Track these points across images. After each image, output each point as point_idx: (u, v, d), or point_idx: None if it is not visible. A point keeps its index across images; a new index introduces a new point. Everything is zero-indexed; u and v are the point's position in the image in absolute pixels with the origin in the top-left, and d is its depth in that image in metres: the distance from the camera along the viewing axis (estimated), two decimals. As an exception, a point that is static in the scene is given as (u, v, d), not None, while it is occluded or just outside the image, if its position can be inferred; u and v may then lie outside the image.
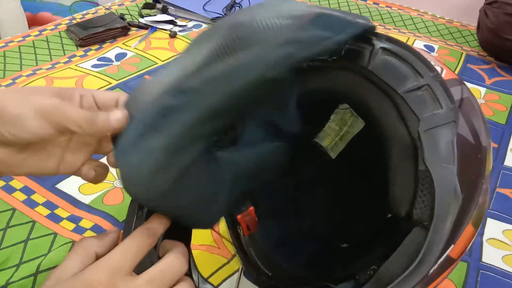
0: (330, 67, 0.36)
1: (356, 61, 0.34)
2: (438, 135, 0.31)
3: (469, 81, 0.99)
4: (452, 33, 1.19)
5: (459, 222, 0.31)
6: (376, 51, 0.34)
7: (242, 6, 1.16)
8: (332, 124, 0.54)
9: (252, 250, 0.51)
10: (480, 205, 0.35)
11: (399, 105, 0.33)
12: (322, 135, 0.55)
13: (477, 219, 0.36)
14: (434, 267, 0.31)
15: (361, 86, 0.35)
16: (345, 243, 0.52)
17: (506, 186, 0.72)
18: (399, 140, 0.33)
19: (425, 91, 0.32)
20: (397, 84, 0.33)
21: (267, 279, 0.50)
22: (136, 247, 0.32)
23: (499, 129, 0.86)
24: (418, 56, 0.33)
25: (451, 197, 0.30)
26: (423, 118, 0.32)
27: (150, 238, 0.33)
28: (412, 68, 0.33)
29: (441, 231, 0.30)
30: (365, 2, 1.33)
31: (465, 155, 0.33)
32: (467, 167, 0.33)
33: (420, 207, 0.32)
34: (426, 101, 0.32)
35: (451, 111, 0.32)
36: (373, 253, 0.41)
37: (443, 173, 0.31)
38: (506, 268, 0.58)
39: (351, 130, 0.53)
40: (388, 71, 0.33)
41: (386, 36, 0.34)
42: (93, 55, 0.96)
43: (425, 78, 0.32)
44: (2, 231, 0.56)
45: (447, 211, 0.30)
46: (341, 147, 0.54)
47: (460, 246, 0.34)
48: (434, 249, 0.30)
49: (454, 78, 0.39)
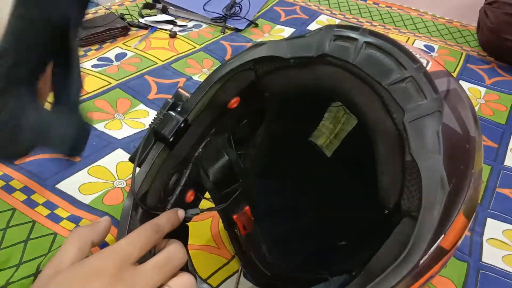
0: (316, 62, 0.36)
1: (341, 56, 0.34)
2: (423, 125, 0.32)
3: (469, 81, 0.99)
4: (452, 33, 1.19)
5: (448, 211, 0.32)
6: (360, 46, 0.34)
7: (242, 6, 1.16)
8: (326, 123, 0.54)
9: (251, 250, 0.51)
10: (471, 195, 0.35)
11: (384, 97, 0.33)
12: (316, 133, 0.55)
13: (469, 210, 0.37)
14: (424, 257, 0.31)
15: (346, 81, 0.35)
16: (343, 241, 0.52)
17: (506, 186, 0.72)
18: (386, 132, 0.33)
19: (409, 82, 0.32)
20: (382, 77, 0.33)
21: (266, 279, 0.50)
22: (144, 239, 0.33)
23: (499, 129, 0.86)
24: (402, 49, 0.33)
25: (438, 186, 0.31)
26: (407, 109, 0.32)
27: (158, 233, 0.34)
28: (396, 61, 0.33)
29: (429, 221, 0.31)
30: (365, 2, 1.33)
31: (452, 144, 0.33)
32: (455, 157, 0.33)
33: (408, 197, 0.32)
34: (410, 93, 0.32)
35: (436, 101, 0.32)
36: (370, 249, 0.41)
37: (429, 163, 0.31)
38: (506, 268, 0.58)
39: (345, 128, 0.53)
40: (373, 65, 0.33)
41: (369, 31, 0.35)
42: (93, 55, 0.96)
43: (409, 70, 0.33)
44: (2, 231, 0.56)
45: (434, 200, 0.31)
46: (336, 145, 0.54)
47: (452, 236, 0.35)
48: (422, 239, 0.30)
49: (441, 69, 0.39)
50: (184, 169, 0.43)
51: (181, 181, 0.43)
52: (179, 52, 1.00)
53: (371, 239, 0.43)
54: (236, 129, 0.46)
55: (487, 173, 0.74)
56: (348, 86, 0.35)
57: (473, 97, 0.94)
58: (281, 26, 1.16)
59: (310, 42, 0.36)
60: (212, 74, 0.40)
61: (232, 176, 0.46)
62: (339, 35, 0.35)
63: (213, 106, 0.41)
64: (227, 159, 0.45)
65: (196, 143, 0.43)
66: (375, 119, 0.34)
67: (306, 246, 0.53)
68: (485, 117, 0.88)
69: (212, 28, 1.12)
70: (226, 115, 0.43)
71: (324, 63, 0.35)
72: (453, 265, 0.58)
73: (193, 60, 0.98)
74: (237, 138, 0.46)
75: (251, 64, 0.39)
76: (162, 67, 0.94)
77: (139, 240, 0.33)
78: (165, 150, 0.40)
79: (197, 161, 0.44)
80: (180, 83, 0.90)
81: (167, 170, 0.41)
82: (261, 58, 0.38)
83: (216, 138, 0.44)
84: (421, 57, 0.36)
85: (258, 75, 0.39)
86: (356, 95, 0.35)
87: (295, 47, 0.36)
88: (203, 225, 0.60)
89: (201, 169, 0.44)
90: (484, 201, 0.69)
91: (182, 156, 0.42)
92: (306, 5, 1.29)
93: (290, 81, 0.38)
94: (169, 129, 0.39)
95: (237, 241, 0.51)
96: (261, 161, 0.50)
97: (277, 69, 0.38)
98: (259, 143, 0.49)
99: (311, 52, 0.36)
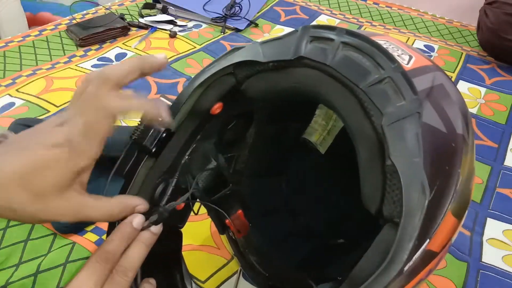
0: (293, 65, 0.35)
1: (318, 58, 0.34)
2: (401, 128, 0.31)
3: (469, 81, 0.99)
4: (452, 33, 1.19)
5: (432, 215, 0.31)
6: (337, 46, 0.33)
7: (242, 6, 1.16)
8: (318, 119, 0.54)
9: (248, 251, 0.51)
10: (460, 194, 0.34)
11: (362, 100, 0.32)
12: (309, 130, 0.54)
13: (459, 209, 0.36)
14: (409, 264, 0.30)
15: (324, 84, 0.34)
16: (341, 239, 0.52)
17: (506, 186, 0.72)
18: (365, 136, 0.33)
19: (387, 83, 0.32)
20: (359, 79, 0.32)
21: (265, 279, 0.50)
22: (96, 277, 0.32)
23: (499, 129, 0.86)
24: (379, 48, 0.33)
25: (418, 192, 0.30)
26: (386, 112, 0.31)
27: (108, 262, 0.32)
28: (373, 61, 0.32)
29: (411, 228, 0.30)
30: (365, 2, 1.33)
31: (436, 145, 0.32)
32: (439, 157, 0.32)
33: (389, 203, 0.31)
34: (388, 94, 0.31)
35: (414, 102, 0.31)
36: (368, 245, 0.41)
37: (409, 167, 0.30)
38: (506, 268, 0.58)
39: (337, 124, 0.53)
40: (349, 66, 0.33)
41: (346, 30, 0.34)
42: (93, 55, 0.96)
43: (387, 70, 0.32)
44: (2, 231, 0.56)
45: (415, 206, 0.30)
46: (329, 142, 0.54)
47: (441, 238, 0.34)
48: (404, 246, 0.30)
49: (426, 64, 0.38)
50: (171, 178, 0.42)
51: (167, 190, 0.41)
52: (179, 52, 1.00)
53: (369, 235, 0.43)
54: (224, 133, 0.45)
55: (487, 173, 0.74)
56: (326, 89, 0.34)
57: (473, 97, 0.94)
58: (281, 26, 1.16)
59: (287, 45, 0.35)
60: (192, 80, 0.39)
61: (222, 181, 0.45)
62: (316, 36, 0.34)
63: (196, 114, 0.41)
64: (215, 165, 0.45)
65: (181, 151, 0.42)
66: (354, 122, 0.33)
67: (303, 245, 0.53)
68: (485, 117, 0.88)
69: (212, 28, 1.12)
70: (210, 122, 0.42)
71: (302, 65, 0.35)
72: (453, 265, 0.57)
73: (193, 60, 0.98)
74: (227, 141, 0.45)
75: (231, 69, 0.38)
76: (162, 67, 0.94)
77: (94, 274, 0.31)
78: (149, 160, 0.40)
79: (184, 168, 0.43)
80: (180, 83, 0.90)
81: (152, 180, 0.40)
82: (240, 62, 0.37)
83: (203, 144, 0.44)
84: (403, 53, 0.35)
85: (238, 79, 0.39)
86: (335, 98, 0.34)
87: (273, 51, 0.36)
88: (203, 225, 0.60)
89: (190, 177, 0.43)
90: (484, 201, 0.69)
91: (168, 165, 0.41)
92: (306, 5, 1.28)
93: (270, 85, 0.38)
94: (150, 140, 0.38)
95: (234, 242, 0.51)
96: (254, 162, 0.49)
97: (256, 73, 0.38)
98: (251, 143, 0.48)
99: (288, 55, 0.35)
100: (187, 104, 0.40)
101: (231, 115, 0.44)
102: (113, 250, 0.33)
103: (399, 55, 0.35)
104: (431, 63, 0.39)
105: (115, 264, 0.33)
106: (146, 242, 0.35)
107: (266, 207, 0.54)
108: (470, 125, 0.39)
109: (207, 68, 0.39)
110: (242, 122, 0.46)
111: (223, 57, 0.39)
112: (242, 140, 0.48)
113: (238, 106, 0.42)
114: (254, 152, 0.49)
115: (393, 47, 0.36)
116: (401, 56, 0.35)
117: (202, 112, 0.41)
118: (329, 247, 0.52)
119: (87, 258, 0.49)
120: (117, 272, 0.33)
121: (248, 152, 0.48)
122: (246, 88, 0.39)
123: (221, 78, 0.39)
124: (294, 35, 0.36)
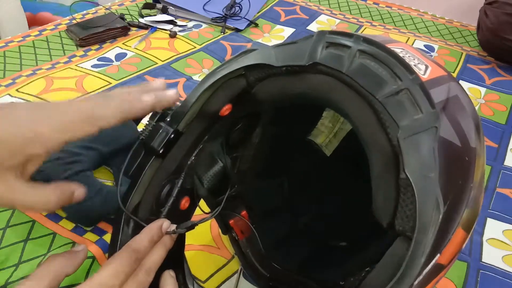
0: (307, 71, 0.35)
1: (333, 65, 0.33)
2: (418, 142, 0.30)
3: (469, 81, 0.99)
4: (452, 33, 1.19)
5: (444, 231, 0.30)
6: (354, 54, 0.32)
7: (242, 6, 1.16)
8: (325, 121, 0.53)
9: (249, 251, 0.51)
10: (471, 208, 0.34)
11: (378, 111, 0.31)
12: (315, 132, 0.54)
13: (469, 222, 0.35)
14: (419, 279, 0.30)
15: (339, 91, 0.33)
16: (343, 242, 0.52)
17: (506, 186, 0.72)
18: (379, 148, 0.32)
19: (404, 95, 0.31)
20: (375, 89, 0.31)
21: (266, 280, 0.50)
22: (127, 268, 0.33)
23: (499, 129, 0.86)
24: (397, 58, 0.32)
25: (432, 208, 0.29)
26: (402, 125, 0.30)
27: (137, 261, 0.34)
28: (391, 71, 0.31)
29: (424, 243, 0.29)
30: (365, 2, 1.33)
31: (450, 159, 0.31)
32: (453, 172, 0.32)
33: (402, 217, 0.31)
34: (405, 106, 0.31)
35: (432, 115, 0.30)
36: (367, 253, 0.41)
37: (423, 182, 0.29)
38: (506, 268, 0.58)
39: (344, 127, 0.53)
40: (366, 75, 0.32)
41: (363, 37, 0.33)
42: (93, 55, 0.96)
43: (404, 82, 0.31)
44: (1, 231, 0.56)
45: (429, 222, 0.29)
46: (335, 144, 0.54)
47: (450, 252, 0.33)
48: (416, 262, 0.29)
49: (442, 75, 0.37)
50: (177, 178, 0.42)
51: (173, 191, 0.42)
52: (179, 52, 1.00)
53: (371, 239, 0.43)
54: (231, 134, 0.45)
55: (487, 173, 0.74)
56: (340, 97, 0.34)
57: (473, 97, 0.94)
58: (281, 26, 1.16)
59: (302, 49, 0.34)
60: (201, 82, 0.39)
61: (227, 182, 0.45)
62: (332, 42, 0.34)
63: (205, 115, 0.40)
64: (221, 165, 0.44)
65: (188, 151, 0.42)
66: (369, 133, 0.32)
67: (305, 246, 0.53)
68: (485, 117, 0.88)
69: (212, 28, 1.12)
70: (218, 122, 0.42)
71: (316, 71, 0.34)
72: (453, 265, 0.57)
73: (193, 60, 0.98)
74: (233, 141, 0.45)
75: (242, 71, 0.38)
76: (162, 67, 0.94)
77: (123, 270, 0.32)
78: (156, 160, 0.40)
79: (190, 169, 0.43)
80: (180, 83, 0.90)
81: (158, 181, 0.40)
82: (252, 65, 0.37)
83: (210, 144, 0.44)
84: (419, 62, 0.35)
85: (249, 82, 0.38)
86: (349, 107, 0.33)
87: (286, 55, 0.35)
88: (203, 226, 0.60)
89: (195, 177, 0.43)
90: (484, 201, 0.69)
91: (174, 166, 0.41)
92: (306, 5, 1.28)
93: (282, 89, 0.37)
94: (158, 141, 0.38)
95: (236, 242, 0.51)
96: (259, 162, 0.49)
97: (268, 76, 0.37)
98: (257, 144, 0.48)
99: (303, 61, 0.34)
100: (196, 105, 0.39)
101: (239, 116, 0.43)
102: (142, 249, 0.34)
103: (416, 64, 0.34)
104: (446, 73, 0.38)
105: (140, 262, 0.34)
106: (167, 245, 0.37)
107: (268, 207, 0.53)
108: (482, 135, 0.38)
109: (217, 69, 0.39)
110: (249, 123, 0.46)
111: (234, 59, 0.38)
112: (247, 140, 0.48)
113: (246, 108, 0.42)
114: (259, 152, 0.49)
115: (410, 56, 0.35)
116: (418, 65, 0.34)
117: (211, 114, 0.41)
118: (331, 249, 0.52)
119: (87, 258, 0.49)
120: (141, 271, 0.34)
121: (253, 152, 0.48)
122: (257, 91, 0.39)
123: (231, 80, 0.39)
124: (309, 40, 0.35)
